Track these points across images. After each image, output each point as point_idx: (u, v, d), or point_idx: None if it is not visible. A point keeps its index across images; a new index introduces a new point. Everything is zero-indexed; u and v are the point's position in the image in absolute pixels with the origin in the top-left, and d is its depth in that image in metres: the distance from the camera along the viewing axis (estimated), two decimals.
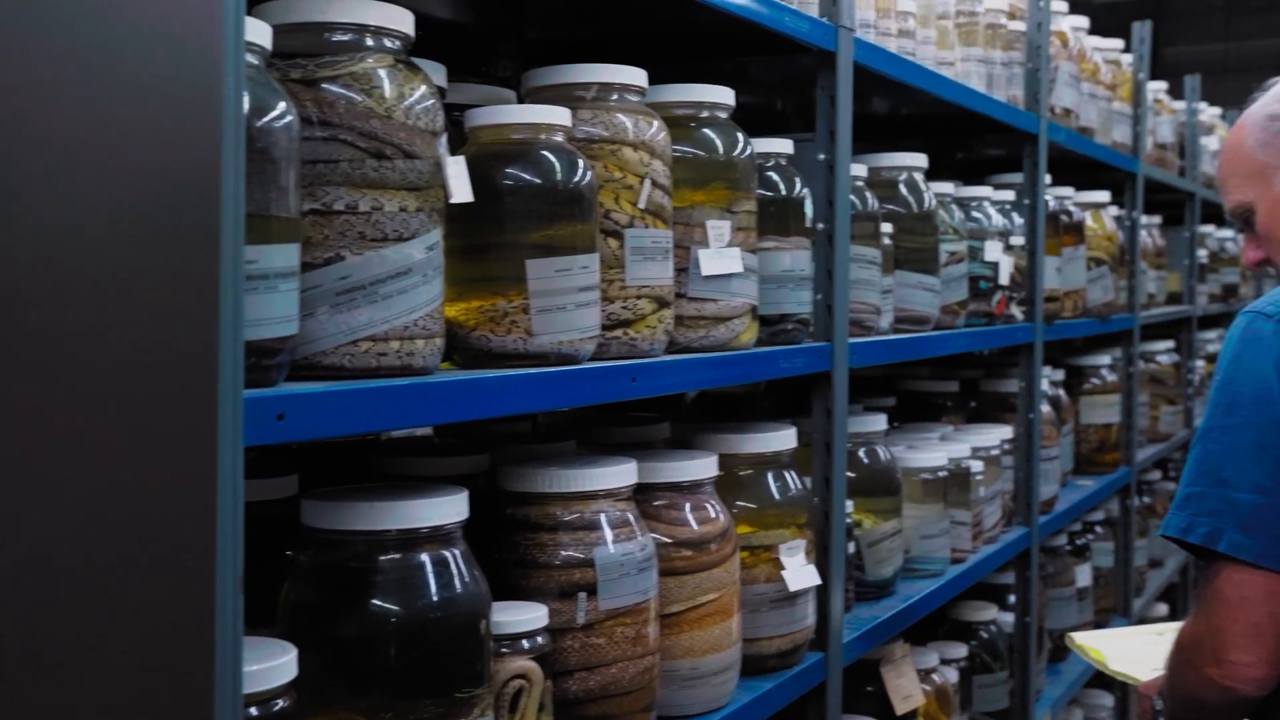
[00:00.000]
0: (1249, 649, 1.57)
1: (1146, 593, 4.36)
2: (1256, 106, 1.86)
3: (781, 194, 1.94)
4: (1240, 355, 1.62)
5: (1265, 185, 1.81)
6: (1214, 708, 1.65)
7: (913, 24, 2.37)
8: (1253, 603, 1.57)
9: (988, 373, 3.29)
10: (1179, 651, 1.71)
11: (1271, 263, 1.85)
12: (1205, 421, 1.64)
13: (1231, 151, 1.87)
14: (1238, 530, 1.57)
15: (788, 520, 1.91)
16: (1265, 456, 1.57)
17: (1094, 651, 2.23)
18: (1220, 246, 5.80)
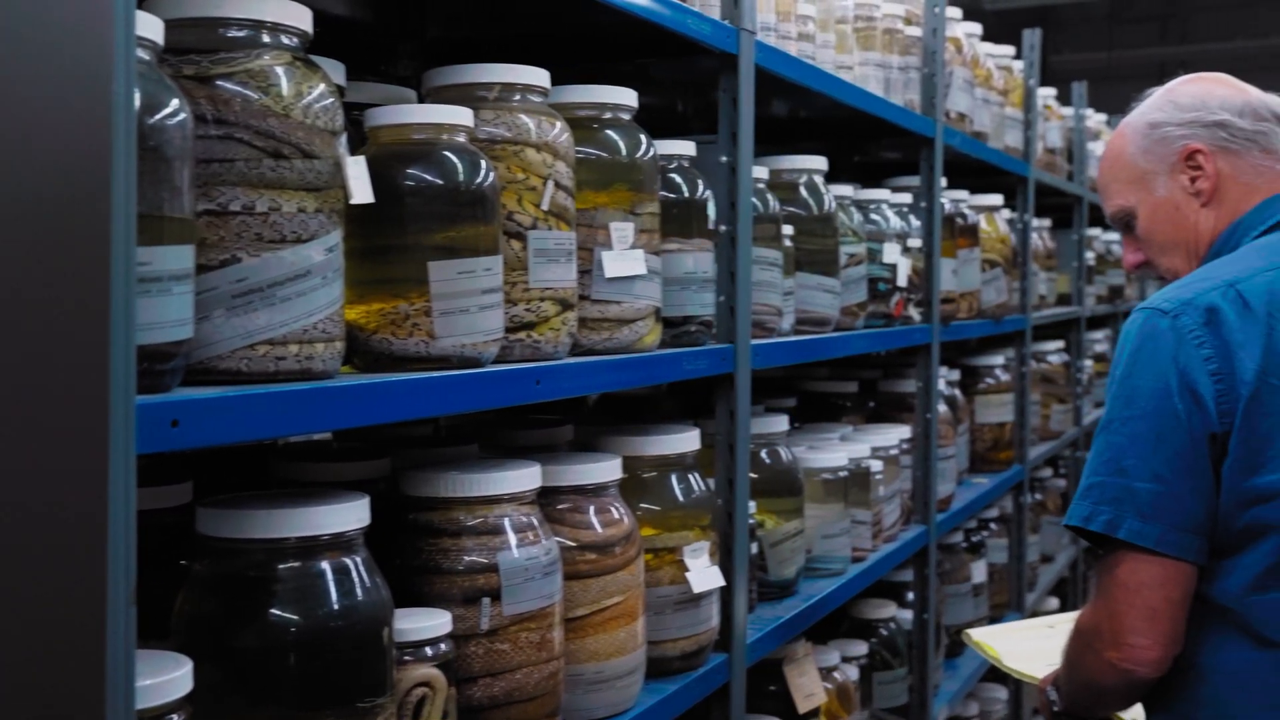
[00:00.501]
0: (1146, 632, 1.62)
1: (1039, 587, 4.46)
2: (1135, 115, 1.91)
3: (684, 196, 1.94)
4: (1139, 350, 1.66)
5: (1146, 190, 1.86)
6: (1112, 691, 1.70)
7: (812, 28, 2.39)
8: (1150, 587, 1.61)
9: (886, 373, 3.33)
10: (1078, 637, 1.74)
11: (1151, 265, 1.90)
12: (1106, 414, 1.68)
13: (1113, 158, 1.91)
14: (1137, 518, 1.61)
15: (691, 522, 1.92)
16: (1163, 447, 1.61)
17: (990, 648, 2.27)
18: (1107, 249, 5.95)
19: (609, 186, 1.73)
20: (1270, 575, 1.62)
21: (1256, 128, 1.81)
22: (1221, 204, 1.81)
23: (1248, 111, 1.82)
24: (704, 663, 1.96)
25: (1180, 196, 1.83)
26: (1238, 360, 1.61)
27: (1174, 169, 1.83)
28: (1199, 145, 1.82)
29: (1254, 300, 1.64)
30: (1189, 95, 1.86)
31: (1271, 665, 1.63)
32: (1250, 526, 1.61)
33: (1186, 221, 1.83)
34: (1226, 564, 1.64)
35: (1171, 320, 1.65)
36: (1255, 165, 1.81)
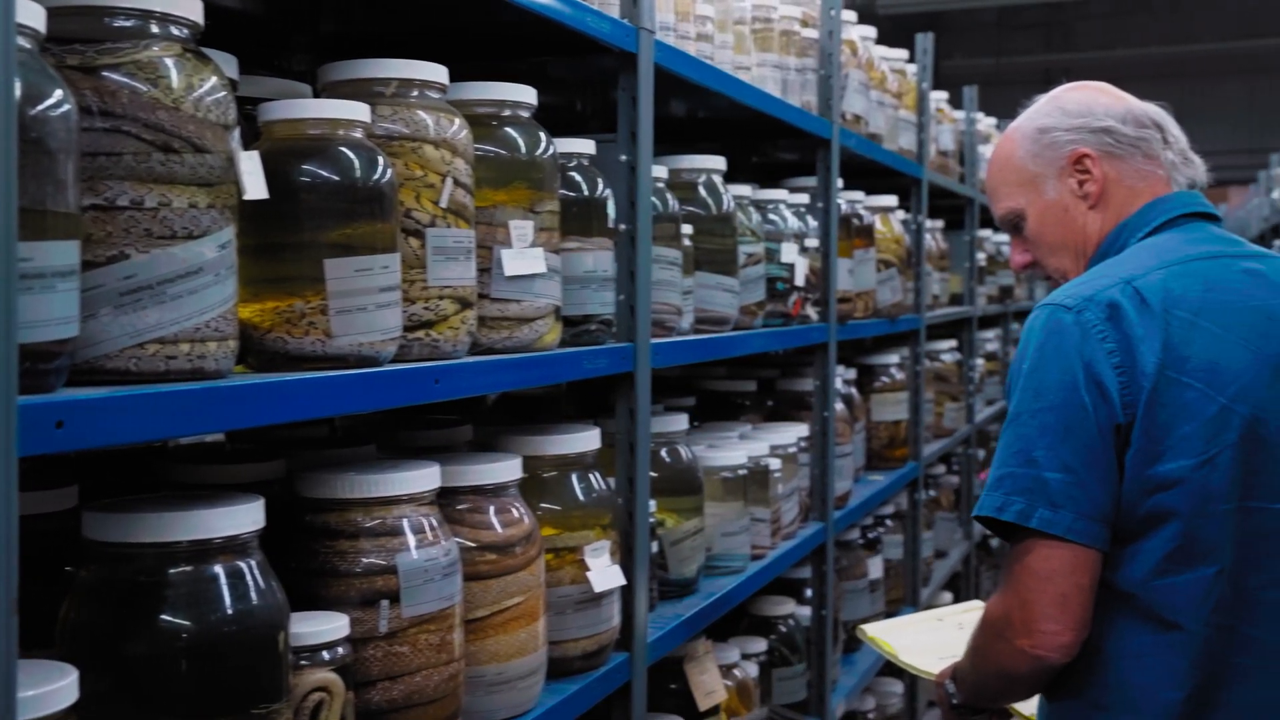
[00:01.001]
0: (1058, 618, 1.65)
1: (933, 582, 4.54)
2: (1023, 120, 1.95)
3: (584, 194, 1.94)
4: (1045, 344, 1.70)
5: (1036, 193, 1.91)
6: (1023, 678, 1.73)
7: (711, 28, 2.40)
8: (1061, 574, 1.65)
9: (784, 372, 3.36)
10: (987, 628, 1.76)
11: (1039, 265, 1.95)
12: (1015, 407, 1.71)
13: (1003, 161, 1.95)
14: (1048, 507, 1.65)
15: (592, 521, 1.91)
16: (1071, 438, 1.66)
17: (885, 644, 2.30)
18: (997, 250, 6.09)
19: (508, 184, 1.72)
20: (1171, 559, 1.67)
21: (1139, 134, 1.87)
22: (1108, 206, 1.87)
23: (1130, 119, 1.88)
24: (605, 662, 1.96)
25: (1069, 199, 1.89)
26: (1139, 354, 1.66)
27: (1062, 172, 1.88)
28: (1086, 150, 1.87)
29: (1151, 297, 1.69)
30: (1075, 102, 1.91)
31: (1172, 646, 1.68)
32: (1152, 513, 1.66)
33: (1075, 223, 1.89)
34: (1129, 550, 1.68)
35: (1075, 315, 1.69)
36: (1138, 170, 1.87)
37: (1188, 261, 1.74)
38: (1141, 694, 1.69)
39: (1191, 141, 1.96)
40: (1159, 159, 1.88)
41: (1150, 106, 1.92)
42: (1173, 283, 1.71)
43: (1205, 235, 1.83)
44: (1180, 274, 1.72)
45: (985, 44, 17.45)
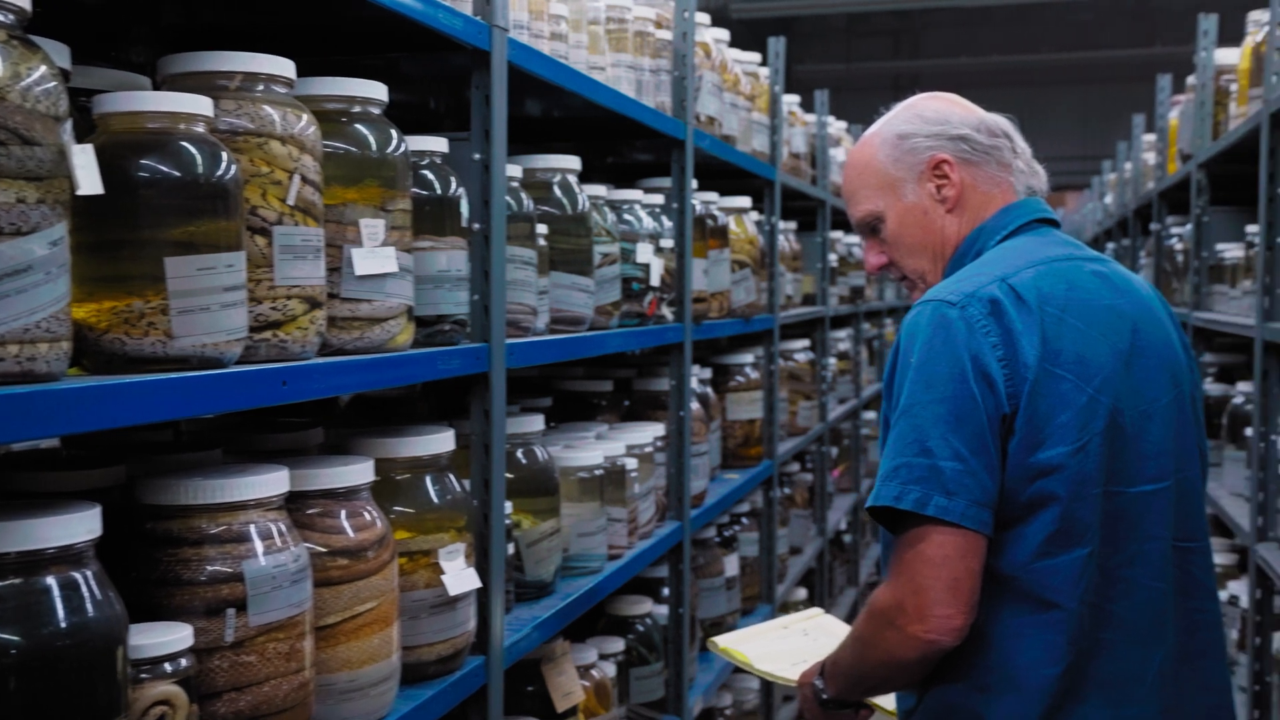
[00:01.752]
0: (951, 602, 1.71)
1: (788, 579, 4.60)
2: (883, 126, 2.02)
3: (437, 193, 1.91)
4: (932, 338, 1.76)
5: (895, 196, 1.98)
6: (913, 664, 1.77)
7: (565, 28, 2.40)
8: (954, 560, 1.71)
9: (641, 372, 3.37)
10: (876, 616, 1.79)
11: (895, 266, 2.03)
12: (905, 399, 1.76)
13: (862, 165, 2.02)
14: (943, 495, 1.71)
15: (447, 524, 1.89)
16: (961, 428, 1.72)
17: (738, 654, 2.33)
18: (849, 251, 6.21)
19: (359, 182, 1.69)
20: (1051, 542, 1.75)
21: (992, 143, 1.97)
22: (964, 211, 1.96)
23: (983, 128, 1.97)
24: (461, 666, 1.93)
25: (928, 203, 1.97)
26: (1020, 348, 1.75)
27: (922, 177, 1.96)
28: (945, 156, 1.96)
29: (1026, 295, 1.78)
30: (933, 111, 2.00)
31: (1051, 625, 1.76)
32: (1034, 498, 1.75)
33: (934, 226, 1.97)
34: (1011, 535, 1.76)
35: (960, 311, 1.77)
36: (992, 176, 1.97)
37: (1050, 263, 1.85)
38: (1022, 672, 1.76)
39: (1031, 147, 2.06)
40: (1010, 166, 1.98)
41: (999, 118, 2.01)
42: (1041, 282, 1.80)
43: (1055, 239, 1.94)
44: (1046, 274, 1.82)
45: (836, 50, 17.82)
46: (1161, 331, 1.89)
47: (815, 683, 1.99)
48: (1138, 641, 1.78)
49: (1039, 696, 1.76)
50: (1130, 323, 1.83)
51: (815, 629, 2.44)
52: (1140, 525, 1.79)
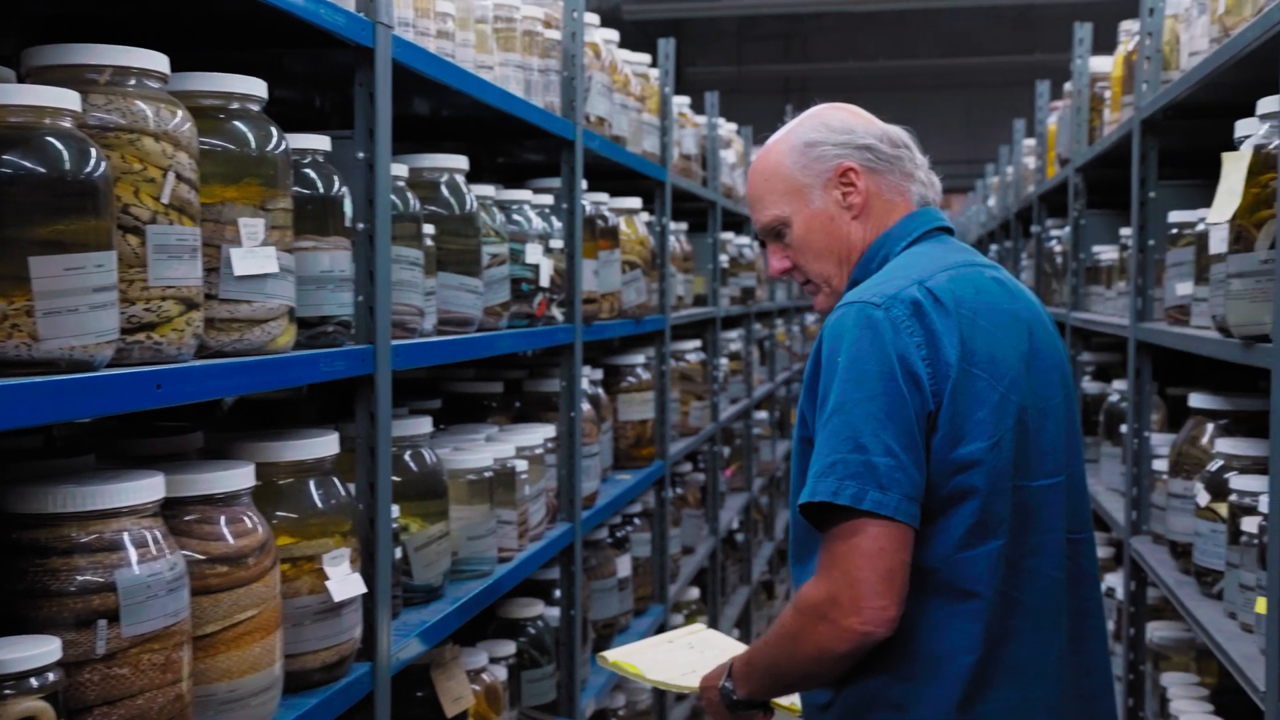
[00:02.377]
0: (885, 593, 1.76)
1: (680, 579, 4.62)
2: (789, 134, 2.07)
3: (319, 192, 1.87)
4: (860, 338, 1.82)
5: (802, 202, 2.03)
6: (843, 657, 1.81)
7: (452, 26, 2.37)
8: (888, 552, 1.76)
9: (531, 373, 3.36)
10: (808, 611, 1.81)
11: (800, 270, 2.08)
12: (837, 398, 1.81)
13: (769, 172, 2.06)
14: (878, 490, 1.76)
15: (331, 529, 1.85)
16: (891, 424, 1.78)
17: (629, 666, 2.33)
18: (739, 253, 6.26)
19: (238, 180, 1.65)
20: (971, 534, 1.82)
21: (895, 153, 2.04)
22: (869, 218, 2.02)
23: (886, 139, 2.04)
24: (346, 673, 1.90)
25: (834, 209, 2.02)
26: (941, 347, 1.82)
27: (828, 184, 2.02)
28: (852, 164, 2.01)
29: (944, 297, 1.86)
30: (839, 120, 2.05)
31: (969, 614, 1.83)
32: (955, 492, 1.82)
33: (840, 231, 2.02)
34: (934, 528, 1.82)
35: (884, 312, 1.83)
36: (894, 185, 2.04)
37: (958, 268, 1.93)
38: (942, 660, 1.83)
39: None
40: (912, 176, 2.05)
41: (899, 129, 2.08)
42: (954, 286, 1.88)
43: (955, 247, 2.03)
44: (957, 279, 1.90)
45: (727, 52, 17.97)
46: (1050, 335, 1.99)
47: (724, 684, 2.02)
48: (1040, 628, 1.87)
49: (958, 683, 1.82)
50: (1026, 326, 1.92)
51: (700, 643, 2.46)
52: (1040, 518, 1.87)
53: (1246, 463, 2.57)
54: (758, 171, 2.08)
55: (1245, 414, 2.83)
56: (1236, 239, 2.20)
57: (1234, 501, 2.45)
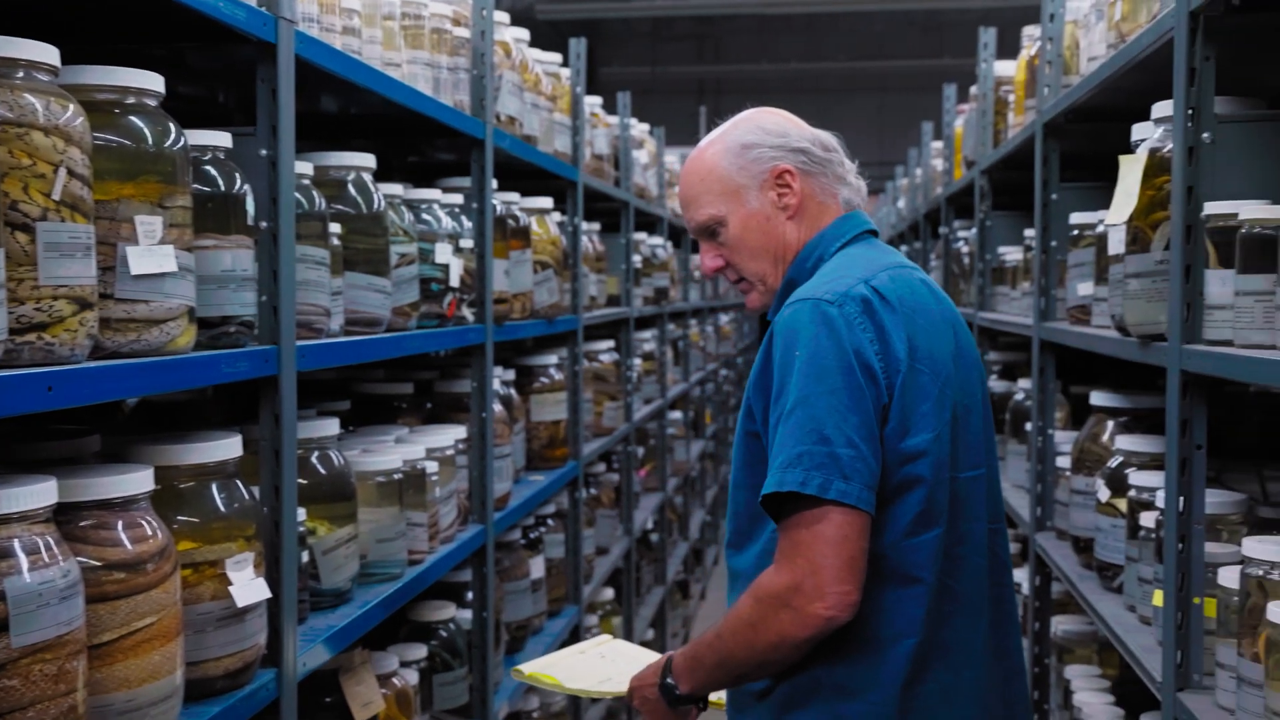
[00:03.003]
0: (848, 579, 1.82)
1: (595, 579, 4.62)
2: (726, 136, 2.11)
3: (220, 190, 1.84)
4: (818, 334, 1.87)
5: (739, 202, 2.07)
6: (804, 643, 1.86)
7: (358, 22, 2.34)
8: (851, 539, 1.82)
9: (443, 374, 3.33)
10: (767, 600, 1.86)
11: (734, 268, 2.12)
12: (798, 392, 1.85)
13: (705, 172, 2.10)
14: (841, 479, 1.81)
15: (235, 533, 1.82)
16: (852, 416, 1.84)
17: (547, 678, 2.33)
18: (652, 253, 6.27)
19: (134, 177, 1.61)
20: (917, 522, 1.90)
21: (827, 156, 2.10)
22: (803, 219, 2.08)
23: (818, 143, 2.10)
24: (251, 680, 1.87)
25: (770, 210, 2.07)
26: (891, 343, 1.89)
27: (764, 185, 2.06)
28: (788, 166, 2.06)
29: (888, 295, 1.93)
30: (773, 123, 2.10)
31: (913, 599, 1.91)
32: (902, 482, 1.89)
33: (775, 231, 2.07)
34: (884, 516, 1.89)
35: (838, 309, 1.89)
36: (826, 188, 2.10)
37: (893, 269, 2.00)
38: (886, 644, 1.90)
39: None
40: (843, 180, 2.12)
41: (828, 134, 2.14)
42: (894, 285, 1.96)
43: (884, 249, 2.10)
44: (894, 279, 1.97)
45: (642, 54, 18.01)
46: (969, 335, 2.08)
47: (666, 681, 2.05)
48: (968, 613, 1.96)
49: (902, 664, 1.90)
50: (951, 326, 2.01)
51: (610, 652, 2.46)
52: (968, 508, 1.96)
53: (1144, 459, 2.63)
54: (693, 172, 2.12)
55: (1144, 411, 2.90)
56: (1133, 240, 2.25)
57: (1133, 497, 2.51)
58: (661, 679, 2.06)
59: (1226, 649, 1.97)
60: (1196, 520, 2.06)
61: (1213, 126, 2.04)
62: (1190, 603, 2.06)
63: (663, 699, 2.05)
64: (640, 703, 2.11)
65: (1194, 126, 2.03)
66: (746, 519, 2.02)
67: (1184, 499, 2.06)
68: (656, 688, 2.06)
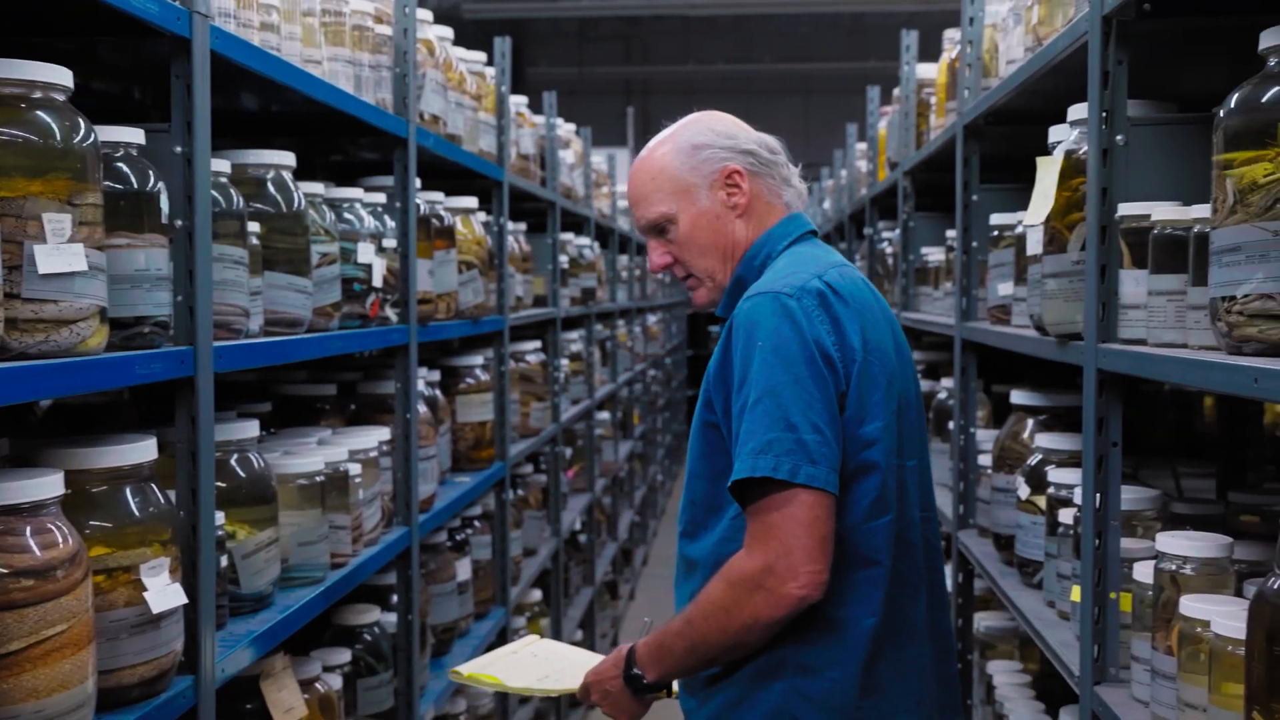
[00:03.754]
0: (820, 558, 1.90)
1: (522, 581, 4.60)
2: (676, 136, 2.18)
3: (133, 187, 1.80)
4: (780, 326, 1.95)
5: (689, 201, 2.15)
6: (777, 624, 1.94)
7: (276, 18, 2.31)
8: (820, 521, 1.90)
9: (367, 375, 3.30)
10: (741, 583, 1.93)
11: (682, 264, 2.19)
12: (764, 381, 1.93)
13: (656, 171, 2.17)
14: (809, 464, 1.90)
15: (150, 537, 1.78)
16: (816, 403, 1.92)
17: (488, 678, 2.31)
18: (579, 253, 6.26)
19: (42, 174, 1.57)
20: (874, 506, 2.00)
21: (772, 158, 2.19)
22: (751, 217, 2.17)
23: (764, 145, 2.19)
24: (167, 688, 1.83)
25: (719, 209, 2.15)
26: (846, 335, 1.99)
27: (714, 185, 2.15)
28: (737, 167, 2.15)
29: (841, 290, 2.02)
30: (722, 125, 2.18)
31: (873, 581, 2.00)
32: (860, 467, 1.98)
33: (725, 230, 2.15)
34: (844, 500, 1.97)
35: (797, 301, 1.97)
36: (772, 188, 2.19)
37: (838, 266, 2.09)
38: (848, 623, 2.00)
39: None
40: (787, 181, 2.21)
41: (772, 138, 2.22)
42: (844, 281, 2.05)
43: (827, 249, 2.19)
44: (841, 275, 2.06)
45: (568, 54, 17.98)
46: (902, 331, 2.17)
47: (631, 671, 2.10)
48: (912, 595, 2.06)
49: (863, 644, 1.99)
50: (889, 322, 2.11)
51: (541, 651, 2.46)
52: (909, 495, 2.06)
53: (1063, 456, 2.67)
54: (644, 171, 2.18)
55: (1063, 410, 2.94)
56: (1051, 240, 2.29)
57: (1052, 494, 2.55)
58: (626, 670, 2.11)
59: (1141, 643, 2.00)
60: (1113, 517, 2.10)
61: (1126, 129, 2.07)
62: (1106, 598, 2.10)
63: (627, 689, 2.11)
64: (600, 696, 2.16)
65: (1108, 129, 2.07)
66: (703, 508, 2.09)
67: (1100, 495, 2.10)
68: (620, 679, 2.12)
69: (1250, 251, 1.56)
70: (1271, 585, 1.46)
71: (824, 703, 1.99)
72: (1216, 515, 2.34)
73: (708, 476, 2.07)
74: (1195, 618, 1.77)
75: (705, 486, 2.08)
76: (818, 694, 1.98)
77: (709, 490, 2.07)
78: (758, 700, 2.01)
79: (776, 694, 2.00)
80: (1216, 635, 1.67)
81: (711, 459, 2.06)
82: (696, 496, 2.10)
